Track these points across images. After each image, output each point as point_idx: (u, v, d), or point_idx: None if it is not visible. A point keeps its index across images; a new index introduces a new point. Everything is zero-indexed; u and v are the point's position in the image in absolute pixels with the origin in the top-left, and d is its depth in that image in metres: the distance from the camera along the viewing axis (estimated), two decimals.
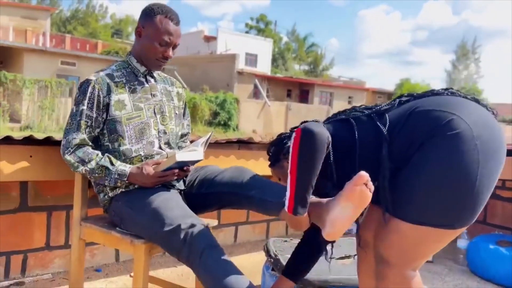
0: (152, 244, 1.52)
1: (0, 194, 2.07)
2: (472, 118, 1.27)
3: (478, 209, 1.32)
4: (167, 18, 1.59)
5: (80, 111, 1.56)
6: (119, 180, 1.54)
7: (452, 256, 3.05)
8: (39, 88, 14.84)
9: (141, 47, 1.64)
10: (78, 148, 1.56)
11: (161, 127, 1.68)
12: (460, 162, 1.24)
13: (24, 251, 2.18)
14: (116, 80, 1.61)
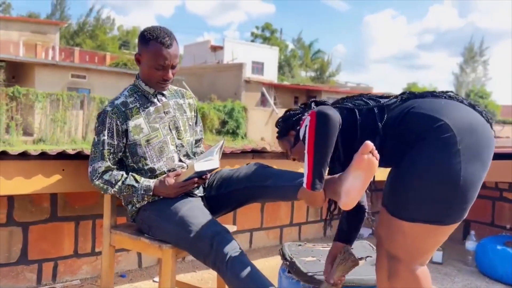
0: (179, 249, 1.65)
1: (32, 205, 2.22)
2: (460, 124, 1.38)
3: (464, 207, 1.45)
4: (159, 43, 1.64)
5: (102, 141, 1.67)
6: (146, 195, 1.68)
7: (461, 257, 3.14)
8: (51, 102, 15.14)
9: (143, 72, 1.74)
10: (104, 173, 1.68)
11: (178, 142, 1.79)
12: (445, 165, 1.37)
13: (55, 259, 2.32)
14: (130, 107, 1.72)
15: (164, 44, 1.65)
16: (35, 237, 2.24)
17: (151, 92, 1.77)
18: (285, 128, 1.76)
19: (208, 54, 30.97)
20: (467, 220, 3.62)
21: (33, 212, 2.23)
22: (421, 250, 1.49)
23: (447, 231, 1.47)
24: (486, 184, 3.52)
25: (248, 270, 1.47)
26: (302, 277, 2.02)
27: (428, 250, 1.53)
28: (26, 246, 2.23)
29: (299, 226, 3.43)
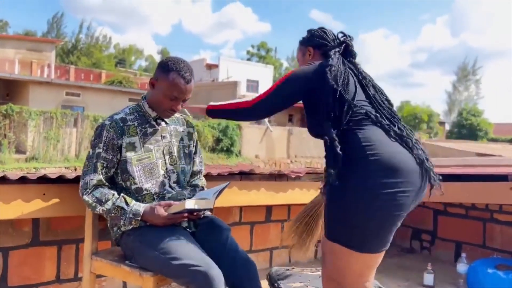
0: (161, 277, 1.61)
1: (13, 229, 2.17)
2: (386, 161, 1.43)
3: (377, 240, 1.48)
4: (180, 76, 1.68)
5: (97, 153, 1.67)
6: (133, 219, 1.65)
7: (453, 280, 3.10)
8: (45, 119, 15.06)
9: (153, 97, 1.75)
10: (95, 188, 1.66)
11: (169, 167, 1.77)
12: (362, 197, 1.43)
13: (36, 285, 2.25)
14: (128, 124, 1.73)
15: (184, 79, 1.69)
16: (15, 263, 2.19)
17: (153, 116, 1.78)
18: (308, 41, 1.80)
19: (203, 72, 31.18)
20: (458, 241, 3.60)
21: (14, 236, 2.18)
22: (351, 273, 1.50)
23: (369, 259, 1.49)
24: (477, 205, 3.51)
25: None
26: None
27: (358, 274, 1.52)
28: (6, 271, 2.17)
29: (289, 248, 3.38)
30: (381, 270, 3.12)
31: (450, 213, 3.69)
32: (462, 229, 3.59)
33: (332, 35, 1.77)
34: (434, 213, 3.81)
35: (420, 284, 3.04)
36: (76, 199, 1.98)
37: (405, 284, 3.05)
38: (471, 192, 3.08)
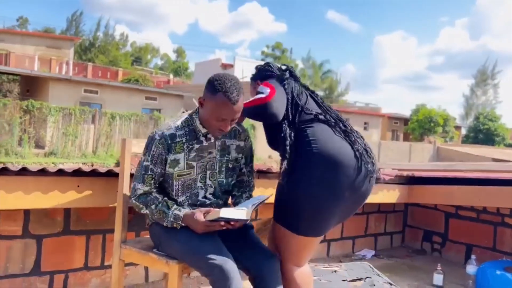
0: (185, 265, 1.74)
1: (47, 218, 2.33)
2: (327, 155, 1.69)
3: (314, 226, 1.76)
4: (226, 97, 1.63)
5: (145, 166, 1.73)
6: (174, 222, 1.71)
7: (462, 281, 3.18)
8: (64, 116, 15.41)
9: (202, 115, 1.74)
10: (142, 195, 1.75)
11: (208, 182, 1.81)
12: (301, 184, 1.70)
13: (66, 271, 2.42)
14: (176, 140, 1.73)
15: (230, 100, 1.63)
16: (48, 250, 2.35)
17: (203, 132, 1.77)
18: (256, 76, 2.06)
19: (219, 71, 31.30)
20: (469, 244, 3.67)
21: (47, 225, 2.34)
22: (288, 250, 1.78)
23: (302, 240, 1.77)
24: (488, 209, 3.57)
25: None
26: None
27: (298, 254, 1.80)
28: (39, 258, 2.33)
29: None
30: (392, 270, 3.24)
31: (461, 216, 3.76)
32: (473, 232, 3.66)
33: (276, 67, 2.04)
34: (446, 216, 3.88)
35: (430, 284, 3.12)
36: (107, 191, 2.15)
37: (414, 283, 3.14)
38: (482, 196, 3.15)
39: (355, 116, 27.45)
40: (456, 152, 22.87)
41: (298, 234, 1.77)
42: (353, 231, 3.82)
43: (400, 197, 3.56)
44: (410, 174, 3.64)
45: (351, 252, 3.79)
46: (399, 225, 4.19)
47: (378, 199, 3.42)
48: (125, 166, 1.97)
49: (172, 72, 44.97)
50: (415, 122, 27.82)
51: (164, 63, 54.04)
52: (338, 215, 1.79)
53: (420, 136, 27.72)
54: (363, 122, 27.60)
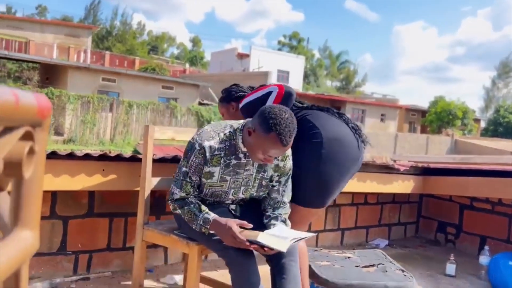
0: (203, 246, 1.83)
1: (73, 201, 2.44)
2: (330, 135, 1.87)
3: (324, 196, 1.95)
4: (279, 140, 1.56)
5: (184, 172, 1.74)
6: (203, 226, 1.70)
7: (475, 271, 3.21)
8: (82, 104, 15.70)
9: (248, 142, 1.68)
10: (178, 199, 1.77)
11: (241, 196, 1.83)
12: (308, 163, 1.87)
13: (90, 251, 2.54)
14: (215, 154, 1.71)
15: (282, 143, 1.57)
16: (73, 230, 2.46)
17: (243, 150, 1.73)
18: (228, 98, 2.16)
19: (234, 61, 31.39)
20: (483, 236, 3.69)
21: (73, 207, 2.45)
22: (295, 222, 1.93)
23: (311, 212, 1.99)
24: (503, 201, 3.58)
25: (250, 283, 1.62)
26: (316, 280, 2.17)
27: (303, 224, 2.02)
28: (65, 238, 2.45)
29: (316, 233, 3.56)
30: (404, 259, 3.29)
31: (476, 208, 3.78)
32: (487, 224, 3.68)
33: (245, 87, 2.19)
34: (461, 207, 3.90)
35: (442, 273, 3.16)
36: (130, 176, 2.24)
37: (427, 272, 3.18)
38: (497, 187, 3.16)
39: (372, 108, 27.21)
40: (474, 145, 22.54)
41: (309, 207, 1.97)
42: (367, 221, 3.87)
43: (415, 188, 3.59)
44: (425, 165, 3.66)
45: (364, 241, 3.85)
46: (413, 215, 4.23)
47: (392, 189, 3.46)
48: (147, 152, 2.05)
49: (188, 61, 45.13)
50: (433, 114, 27.46)
51: (180, 52, 54.24)
52: (341, 186, 2.00)
53: (438, 129, 27.35)
54: (379, 114, 27.35)
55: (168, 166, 2.34)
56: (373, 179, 3.24)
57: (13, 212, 0.46)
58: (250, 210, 1.91)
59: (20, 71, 22.39)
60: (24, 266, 0.47)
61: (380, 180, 3.31)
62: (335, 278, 2.12)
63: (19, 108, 0.40)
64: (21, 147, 0.43)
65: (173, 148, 5.94)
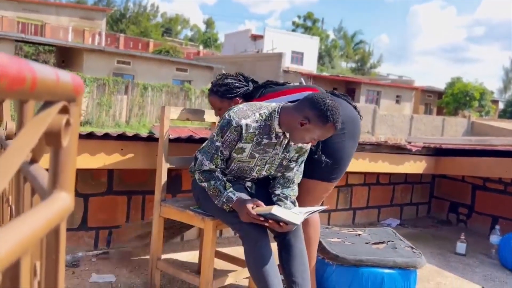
0: (219, 221, 1.91)
1: (92, 179, 2.55)
2: (346, 118, 1.95)
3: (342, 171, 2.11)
4: (334, 127, 1.71)
5: (216, 146, 1.80)
6: (226, 204, 1.77)
7: (485, 251, 3.25)
8: (98, 86, 15.87)
9: (294, 130, 1.75)
10: (206, 171, 1.83)
11: (263, 173, 1.92)
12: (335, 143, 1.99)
13: (109, 227, 2.65)
14: (250, 131, 1.77)
15: (336, 129, 1.73)
16: (93, 207, 2.58)
17: (277, 131, 1.80)
18: (231, 93, 2.12)
19: (248, 43, 31.19)
20: (494, 216, 3.71)
21: (92, 185, 2.56)
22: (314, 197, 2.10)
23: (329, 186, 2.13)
24: None
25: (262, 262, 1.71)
26: (327, 256, 2.24)
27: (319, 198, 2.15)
28: (86, 214, 2.56)
29: (328, 213, 3.64)
30: (416, 238, 3.34)
31: (488, 188, 3.79)
32: (499, 204, 3.69)
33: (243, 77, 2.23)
34: (473, 188, 3.92)
35: (453, 252, 3.21)
36: (148, 155, 2.33)
37: (437, 251, 3.23)
38: (509, 168, 3.17)
39: (387, 89, 26.89)
40: (491, 127, 22.20)
41: (328, 182, 2.09)
42: (379, 201, 3.92)
43: (427, 168, 3.62)
44: (438, 146, 3.68)
45: (376, 221, 3.91)
46: (425, 196, 4.26)
47: (404, 170, 3.49)
48: (164, 132, 2.13)
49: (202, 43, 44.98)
50: (449, 95, 27.01)
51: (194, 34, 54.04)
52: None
53: (454, 111, 26.95)
54: (395, 95, 27.02)
55: (183, 146, 2.42)
56: (385, 159, 3.28)
57: (52, 177, 0.53)
58: (264, 188, 2.00)
59: (37, 54, 22.67)
60: (62, 223, 0.54)
61: (392, 160, 3.35)
62: (345, 253, 2.19)
63: (59, 85, 0.46)
64: (59, 120, 0.49)
65: (187, 130, 6.04)
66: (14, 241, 0.39)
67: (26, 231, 0.42)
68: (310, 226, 2.11)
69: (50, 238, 0.54)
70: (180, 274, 2.10)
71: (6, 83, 0.33)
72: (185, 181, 2.82)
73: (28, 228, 0.42)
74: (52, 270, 0.55)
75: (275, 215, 1.65)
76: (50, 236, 0.54)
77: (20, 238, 0.40)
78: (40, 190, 0.61)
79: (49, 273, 0.55)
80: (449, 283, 2.65)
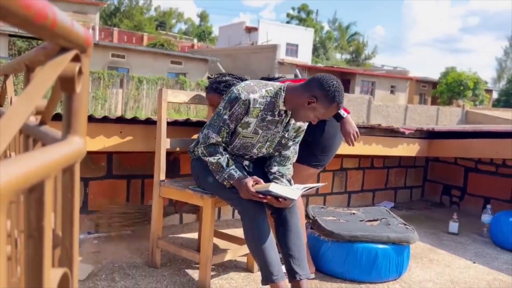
0: (217, 199, 1.96)
1: (92, 163, 2.59)
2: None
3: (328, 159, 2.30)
4: (338, 107, 1.82)
5: (224, 119, 1.84)
6: (226, 180, 1.83)
7: (477, 230, 3.33)
8: (93, 80, 15.82)
9: (301, 108, 1.82)
10: (211, 145, 1.88)
11: (263, 151, 1.98)
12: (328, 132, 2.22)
13: (109, 211, 2.70)
14: (256, 106, 1.83)
15: (339, 108, 1.86)
16: (94, 191, 2.62)
17: (281, 108, 1.87)
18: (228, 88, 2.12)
19: (242, 35, 31.12)
20: (486, 197, 3.79)
21: (93, 169, 2.60)
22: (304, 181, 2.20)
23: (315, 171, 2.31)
24: (506, 163, 3.66)
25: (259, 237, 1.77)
26: (322, 232, 2.31)
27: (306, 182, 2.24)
28: (87, 198, 2.61)
29: (324, 196, 3.70)
30: (409, 220, 3.42)
31: (480, 170, 3.87)
32: (491, 186, 3.77)
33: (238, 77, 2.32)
34: (465, 170, 3.99)
35: (446, 232, 3.29)
36: (146, 138, 2.37)
37: (431, 231, 3.31)
38: (500, 148, 3.25)
39: (382, 80, 26.96)
40: (485, 116, 22.35)
41: (317, 168, 2.29)
42: (373, 184, 3.99)
43: (420, 151, 3.69)
44: (430, 129, 3.75)
45: (371, 203, 3.98)
46: (419, 179, 4.34)
47: (398, 152, 3.56)
48: (162, 114, 2.18)
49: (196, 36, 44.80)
50: (443, 85, 27.12)
51: (188, 28, 53.81)
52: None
53: (448, 100, 27.06)
54: (390, 86, 27.09)
55: (180, 129, 2.47)
56: (378, 142, 3.34)
57: (66, 122, 0.58)
58: (261, 167, 2.06)
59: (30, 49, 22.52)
60: (76, 165, 0.60)
61: (386, 143, 3.41)
62: (340, 230, 2.26)
63: (73, 32, 0.51)
64: (73, 67, 0.54)
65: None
66: (37, 163, 0.44)
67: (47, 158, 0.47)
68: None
69: (66, 178, 0.60)
70: (180, 252, 2.16)
71: (33, 14, 0.38)
72: (183, 165, 2.87)
73: (48, 156, 0.48)
74: (68, 209, 0.60)
75: (273, 191, 1.72)
76: (66, 176, 0.59)
77: (42, 162, 0.45)
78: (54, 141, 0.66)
79: (66, 211, 0.60)
80: (441, 259, 2.73)
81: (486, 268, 2.63)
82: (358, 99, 21.11)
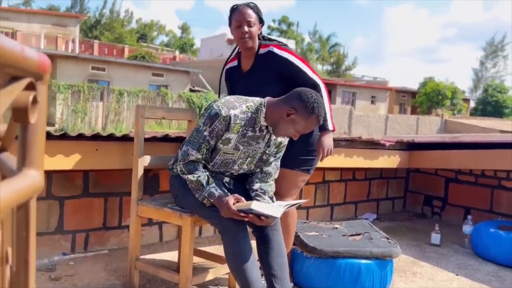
0: (197, 218, 1.91)
1: (67, 181, 2.51)
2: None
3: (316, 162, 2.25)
4: (317, 120, 1.80)
5: (203, 136, 1.80)
6: (206, 199, 1.78)
7: (458, 241, 3.35)
8: (73, 93, 15.59)
9: (281, 121, 1.80)
10: (191, 162, 1.82)
11: (244, 167, 1.94)
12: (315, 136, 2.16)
13: (86, 230, 2.62)
14: (237, 122, 1.80)
15: (319, 122, 1.83)
16: (69, 210, 2.54)
17: (262, 124, 1.84)
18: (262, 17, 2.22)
19: (224, 47, 31.15)
20: (467, 207, 3.82)
21: (68, 188, 2.52)
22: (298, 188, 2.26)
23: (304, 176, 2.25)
24: (485, 173, 3.70)
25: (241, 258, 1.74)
26: (305, 249, 2.27)
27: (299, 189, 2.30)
28: (62, 217, 2.53)
29: (307, 209, 3.67)
30: (392, 231, 3.41)
31: (460, 181, 3.90)
32: (471, 196, 3.81)
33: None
34: (446, 181, 4.02)
35: (428, 243, 3.29)
36: (123, 155, 2.31)
37: (413, 243, 3.31)
38: (479, 159, 3.28)
39: (362, 90, 27.30)
40: (463, 124, 22.82)
41: (310, 174, 2.27)
42: (356, 196, 3.98)
43: (401, 163, 3.70)
44: (410, 140, 3.77)
45: (353, 216, 3.97)
46: (400, 190, 4.35)
47: (379, 164, 3.57)
48: (139, 130, 2.12)
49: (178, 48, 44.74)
50: (422, 95, 27.62)
51: (170, 40, 53.69)
52: None
53: (427, 110, 27.55)
54: (370, 96, 27.45)
55: (159, 145, 2.42)
56: (359, 154, 3.34)
57: (21, 155, 0.54)
58: (242, 183, 2.02)
59: None
60: (32, 201, 0.55)
61: (367, 155, 3.41)
62: (323, 246, 2.23)
63: (24, 58, 0.47)
64: (26, 96, 0.50)
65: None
66: None
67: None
68: (289, 215, 2.18)
69: (20, 215, 0.55)
70: (159, 273, 2.09)
71: None
72: (162, 182, 2.81)
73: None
74: (22, 248, 0.55)
75: (255, 209, 1.67)
76: (20, 213, 0.55)
77: None
78: (10, 173, 0.61)
79: (20, 251, 0.55)
80: (424, 272, 2.72)
81: (469, 280, 2.63)
82: (339, 109, 21.31)
